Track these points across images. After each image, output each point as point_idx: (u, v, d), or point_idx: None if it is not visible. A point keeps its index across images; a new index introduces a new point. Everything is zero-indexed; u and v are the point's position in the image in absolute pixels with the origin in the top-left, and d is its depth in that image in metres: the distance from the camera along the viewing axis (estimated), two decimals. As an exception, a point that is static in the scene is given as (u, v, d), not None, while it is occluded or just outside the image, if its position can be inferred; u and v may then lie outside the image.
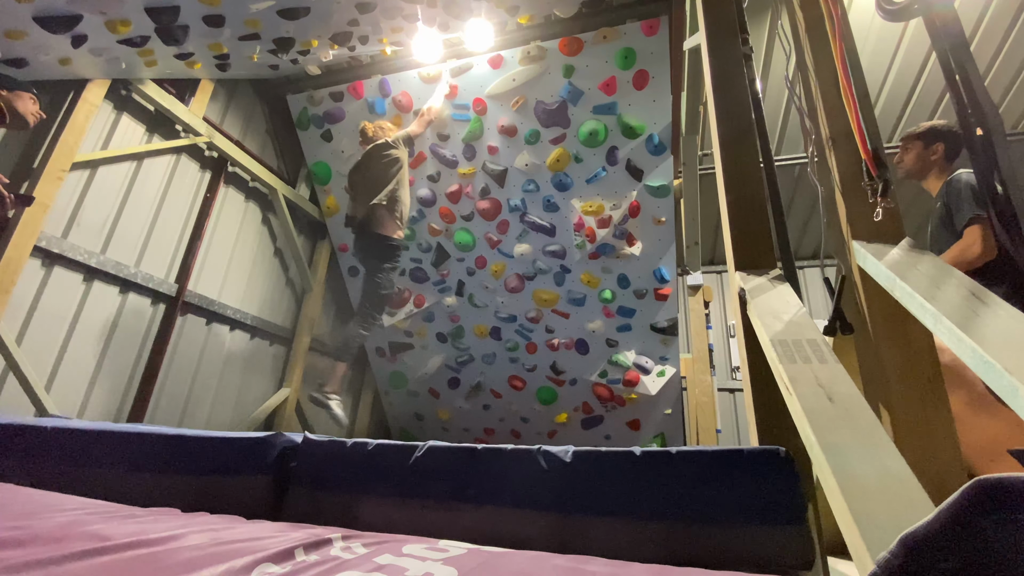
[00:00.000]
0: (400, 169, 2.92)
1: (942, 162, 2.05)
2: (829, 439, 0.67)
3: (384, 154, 2.90)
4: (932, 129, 2.09)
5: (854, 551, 0.54)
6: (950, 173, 2.01)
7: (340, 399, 2.86)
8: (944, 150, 2.04)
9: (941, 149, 2.04)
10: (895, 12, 0.99)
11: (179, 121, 2.72)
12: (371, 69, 3.26)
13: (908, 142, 2.14)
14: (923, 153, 2.08)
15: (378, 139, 2.95)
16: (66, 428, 1.24)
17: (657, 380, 3.39)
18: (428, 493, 0.97)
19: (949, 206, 1.91)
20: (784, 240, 1.31)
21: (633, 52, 2.85)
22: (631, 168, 3.10)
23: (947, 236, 1.91)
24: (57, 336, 2.24)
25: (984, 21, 3.42)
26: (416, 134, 3.04)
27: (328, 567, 0.58)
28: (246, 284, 3.30)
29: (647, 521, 0.84)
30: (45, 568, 0.50)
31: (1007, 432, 1.31)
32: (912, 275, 0.85)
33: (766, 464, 0.85)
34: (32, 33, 1.73)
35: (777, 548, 0.79)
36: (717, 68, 1.46)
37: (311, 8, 2.07)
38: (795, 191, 4.58)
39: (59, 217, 2.22)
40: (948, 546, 0.35)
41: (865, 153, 1.07)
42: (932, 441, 0.91)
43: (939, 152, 2.05)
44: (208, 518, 0.84)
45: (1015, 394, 0.55)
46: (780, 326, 0.95)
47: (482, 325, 3.65)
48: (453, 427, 4.05)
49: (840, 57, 1.12)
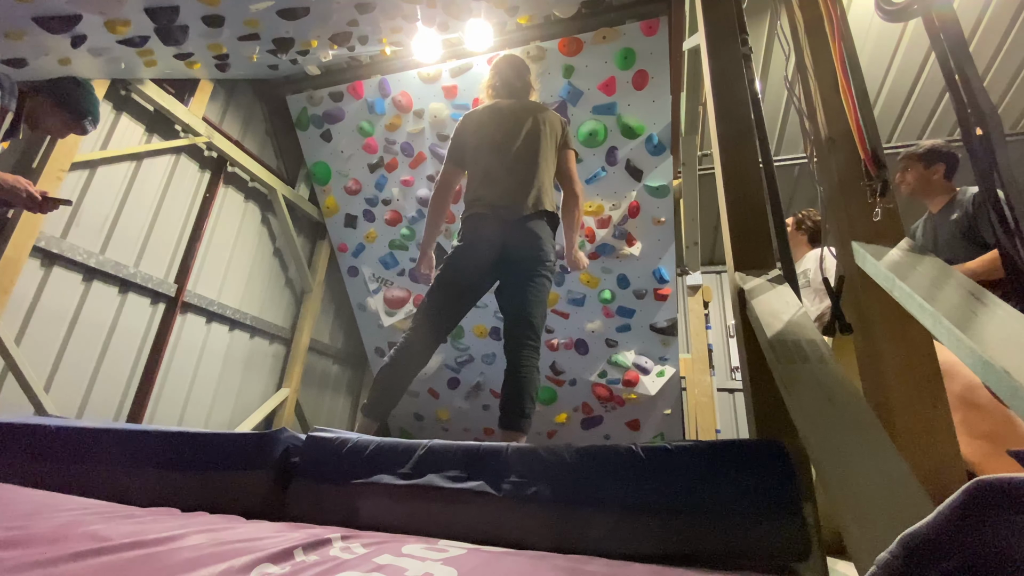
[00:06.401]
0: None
1: (942, 181, 2.18)
2: (829, 439, 0.67)
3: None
4: (932, 150, 2.21)
5: (854, 551, 0.54)
6: (951, 189, 2.15)
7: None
8: (944, 170, 2.17)
9: (942, 169, 2.17)
10: (894, 12, 0.99)
11: (178, 121, 2.72)
12: (371, 69, 3.25)
13: (909, 162, 2.25)
14: (924, 173, 2.20)
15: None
16: (66, 427, 1.24)
17: (656, 380, 3.39)
18: (430, 491, 0.97)
19: (976, 217, 1.99)
20: (783, 240, 1.31)
21: (633, 52, 2.85)
22: (631, 168, 3.10)
23: (967, 246, 1.99)
24: (56, 336, 2.24)
25: (983, 21, 3.43)
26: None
27: (327, 567, 0.58)
28: (245, 284, 3.30)
29: (645, 514, 0.84)
30: (44, 568, 0.50)
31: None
32: (911, 275, 0.85)
33: (761, 456, 0.86)
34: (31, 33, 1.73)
35: (773, 540, 0.79)
36: (716, 68, 1.46)
37: (311, 8, 2.06)
38: (795, 191, 4.59)
39: (58, 217, 2.22)
40: (948, 546, 0.35)
41: (864, 153, 1.07)
42: (932, 441, 0.91)
43: (939, 172, 2.18)
44: (207, 518, 0.84)
45: (1015, 394, 0.55)
46: (780, 326, 0.95)
47: (482, 325, 3.65)
48: (453, 427, 4.05)
49: (839, 57, 1.13)
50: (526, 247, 1.84)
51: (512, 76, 2.13)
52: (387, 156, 3.49)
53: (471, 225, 1.93)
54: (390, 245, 3.70)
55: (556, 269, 1.96)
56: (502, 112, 2.05)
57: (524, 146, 1.95)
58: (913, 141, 4.00)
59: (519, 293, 1.81)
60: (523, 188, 1.89)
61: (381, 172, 3.54)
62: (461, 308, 1.93)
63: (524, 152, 1.94)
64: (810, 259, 2.65)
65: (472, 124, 2.07)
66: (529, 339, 1.76)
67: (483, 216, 1.90)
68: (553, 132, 2.02)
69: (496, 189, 1.91)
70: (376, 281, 3.83)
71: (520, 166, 1.93)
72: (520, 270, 1.84)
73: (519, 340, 1.76)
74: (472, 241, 1.90)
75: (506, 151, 1.95)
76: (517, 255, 1.84)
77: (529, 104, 2.08)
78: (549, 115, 2.05)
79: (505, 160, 1.94)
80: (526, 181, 1.90)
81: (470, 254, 1.89)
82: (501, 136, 1.98)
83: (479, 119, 2.07)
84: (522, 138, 1.96)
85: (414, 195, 3.50)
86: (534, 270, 1.82)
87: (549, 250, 1.87)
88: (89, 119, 1.86)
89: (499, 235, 1.86)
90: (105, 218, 2.43)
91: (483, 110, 2.10)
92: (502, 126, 2.00)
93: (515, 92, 2.11)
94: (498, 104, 2.09)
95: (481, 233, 1.89)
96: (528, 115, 2.01)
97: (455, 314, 1.93)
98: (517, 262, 1.85)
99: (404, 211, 3.59)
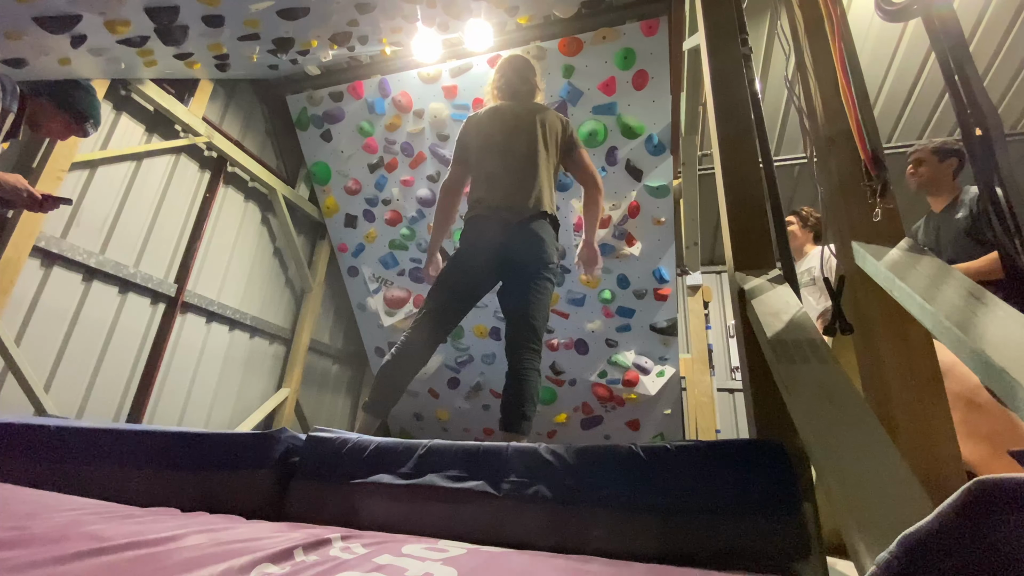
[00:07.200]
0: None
1: (952, 178, 2.19)
2: (829, 439, 0.67)
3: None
4: (946, 145, 2.23)
5: (853, 551, 0.54)
6: (956, 188, 2.17)
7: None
8: (956, 166, 2.19)
9: (954, 165, 2.19)
10: (894, 12, 0.99)
11: (178, 121, 2.72)
12: (371, 69, 3.25)
13: (923, 156, 2.26)
14: (938, 167, 2.21)
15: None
16: (66, 427, 1.24)
17: (656, 380, 3.38)
18: (430, 491, 0.97)
19: (981, 217, 2.01)
20: (783, 240, 1.31)
21: (633, 52, 2.85)
22: (631, 168, 3.10)
23: (972, 245, 2.00)
24: (56, 336, 2.24)
25: (983, 21, 3.43)
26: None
27: (327, 567, 0.58)
28: (245, 284, 3.30)
29: (645, 514, 0.84)
30: (44, 568, 0.50)
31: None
32: (911, 275, 0.85)
33: (761, 456, 0.86)
34: (31, 33, 1.73)
35: (772, 539, 0.79)
36: (716, 68, 1.46)
37: (311, 8, 2.06)
38: (794, 191, 4.58)
39: (58, 217, 2.22)
40: (948, 546, 0.35)
41: (864, 154, 1.07)
42: (932, 441, 0.91)
43: (952, 167, 2.20)
44: (207, 518, 0.84)
45: (1015, 394, 0.55)
46: (779, 326, 0.95)
47: (482, 325, 3.65)
48: (453, 427, 4.05)
49: (839, 57, 1.12)
50: (528, 249, 1.84)
51: (515, 79, 2.13)
52: (387, 156, 3.49)
53: (473, 227, 1.94)
54: (390, 245, 3.70)
55: (558, 271, 1.96)
56: (503, 114, 2.06)
57: (524, 147, 1.96)
58: (913, 141, 4.00)
59: (520, 295, 1.82)
60: (523, 189, 1.89)
61: (381, 172, 3.54)
62: (462, 308, 1.94)
63: (524, 153, 1.95)
64: (815, 256, 2.65)
65: (474, 127, 2.09)
66: (530, 341, 1.77)
67: (484, 218, 1.91)
68: (554, 133, 2.02)
69: (497, 191, 1.92)
70: (376, 281, 3.83)
71: (520, 167, 1.93)
72: (522, 272, 1.84)
73: (520, 342, 1.76)
74: (474, 242, 1.91)
75: (506, 153, 1.96)
76: (519, 257, 1.85)
77: (530, 105, 2.08)
78: (550, 116, 2.05)
79: (505, 162, 1.95)
80: (526, 182, 1.90)
81: (472, 255, 1.90)
82: (501, 138, 1.99)
83: (481, 121, 2.08)
84: (522, 139, 1.97)
85: (414, 195, 3.50)
86: (536, 272, 1.83)
87: (551, 252, 1.87)
88: (91, 122, 1.86)
89: (500, 237, 1.86)
90: (105, 218, 2.43)
91: (485, 113, 2.11)
92: (502, 128, 2.01)
93: (518, 94, 2.12)
94: (499, 106, 2.10)
95: (482, 235, 1.90)
96: (528, 116, 2.01)
97: (456, 314, 1.94)
98: (519, 264, 1.85)
99: (404, 211, 3.59)
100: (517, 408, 1.68)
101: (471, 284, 1.92)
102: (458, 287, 1.91)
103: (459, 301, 1.92)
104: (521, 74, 2.15)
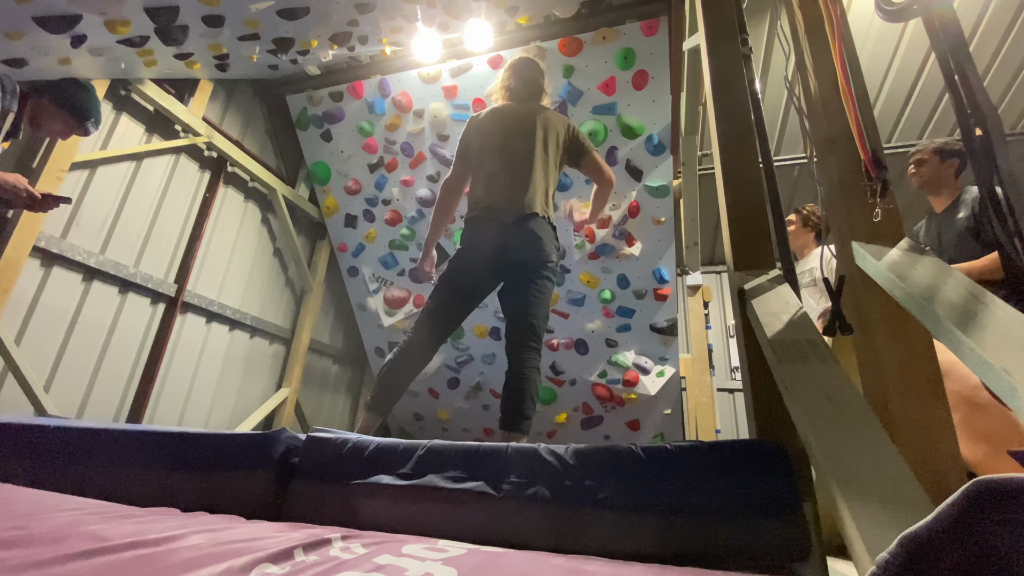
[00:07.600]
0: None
1: (953, 177, 2.21)
2: (829, 439, 0.67)
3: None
4: (947, 145, 2.24)
5: (853, 551, 0.54)
6: (957, 188, 2.18)
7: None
8: (958, 166, 2.20)
9: (956, 164, 2.20)
10: (894, 13, 0.99)
11: (178, 121, 2.72)
12: (371, 69, 3.25)
13: (924, 155, 2.27)
14: (940, 167, 2.22)
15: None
16: (66, 427, 1.24)
17: (656, 380, 3.38)
18: (430, 491, 0.97)
19: (982, 217, 2.02)
20: (783, 240, 1.31)
21: (633, 52, 2.85)
22: (631, 168, 3.10)
23: (974, 245, 2.01)
24: (56, 336, 2.24)
25: (983, 21, 3.43)
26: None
27: (327, 567, 0.58)
28: (245, 284, 3.30)
29: (645, 514, 0.84)
30: (44, 569, 0.50)
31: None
32: (911, 275, 0.85)
33: (761, 456, 0.86)
34: (31, 33, 1.73)
35: (772, 540, 0.79)
36: (716, 68, 1.46)
37: (311, 8, 2.06)
38: (795, 191, 4.58)
39: (58, 217, 2.22)
40: (948, 546, 0.35)
41: (864, 154, 1.07)
42: (932, 441, 0.91)
43: (954, 167, 2.21)
44: (207, 518, 0.84)
45: (1015, 395, 0.55)
46: (780, 326, 0.95)
47: (482, 325, 3.65)
48: (452, 427, 4.05)
49: (839, 58, 1.12)
50: (525, 248, 1.85)
51: (519, 82, 2.14)
52: (387, 156, 3.49)
53: (472, 227, 1.95)
54: (390, 245, 3.70)
55: (558, 270, 1.96)
56: (504, 115, 2.07)
57: (522, 148, 1.96)
58: (913, 141, 4.00)
59: (520, 295, 1.82)
60: (521, 189, 1.89)
61: (381, 172, 3.54)
62: (463, 309, 1.95)
63: (521, 154, 1.96)
64: (816, 257, 2.66)
65: (476, 127, 2.10)
66: (530, 341, 1.77)
67: (483, 218, 1.92)
68: (555, 134, 2.03)
69: (495, 191, 1.93)
70: (376, 281, 3.83)
71: (518, 168, 1.94)
72: (521, 272, 1.85)
73: (520, 342, 1.77)
74: (473, 243, 1.92)
75: (505, 153, 1.97)
76: (518, 257, 1.85)
77: (532, 106, 2.09)
78: (552, 117, 2.06)
79: (504, 162, 1.96)
80: (524, 183, 1.91)
81: (472, 256, 1.91)
82: (500, 138, 2.00)
83: (482, 122, 2.09)
84: (521, 140, 1.98)
85: (414, 195, 3.50)
86: (535, 271, 1.83)
87: (550, 250, 1.88)
88: (91, 121, 1.86)
89: (499, 237, 1.86)
90: (105, 218, 2.43)
91: (486, 114, 2.12)
92: (502, 128, 2.02)
93: (521, 96, 2.13)
94: (501, 107, 2.11)
95: (482, 235, 1.91)
96: (529, 117, 2.02)
97: (457, 314, 1.94)
98: (518, 264, 1.85)
99: (404, 211, 3.59)
100: (517, 407, 1.68)
101: (472, 284, 1.93)
102: (459, 287, 1.91)
103: (460, 301, 1.93)
104: (525, 77, 2.16)
